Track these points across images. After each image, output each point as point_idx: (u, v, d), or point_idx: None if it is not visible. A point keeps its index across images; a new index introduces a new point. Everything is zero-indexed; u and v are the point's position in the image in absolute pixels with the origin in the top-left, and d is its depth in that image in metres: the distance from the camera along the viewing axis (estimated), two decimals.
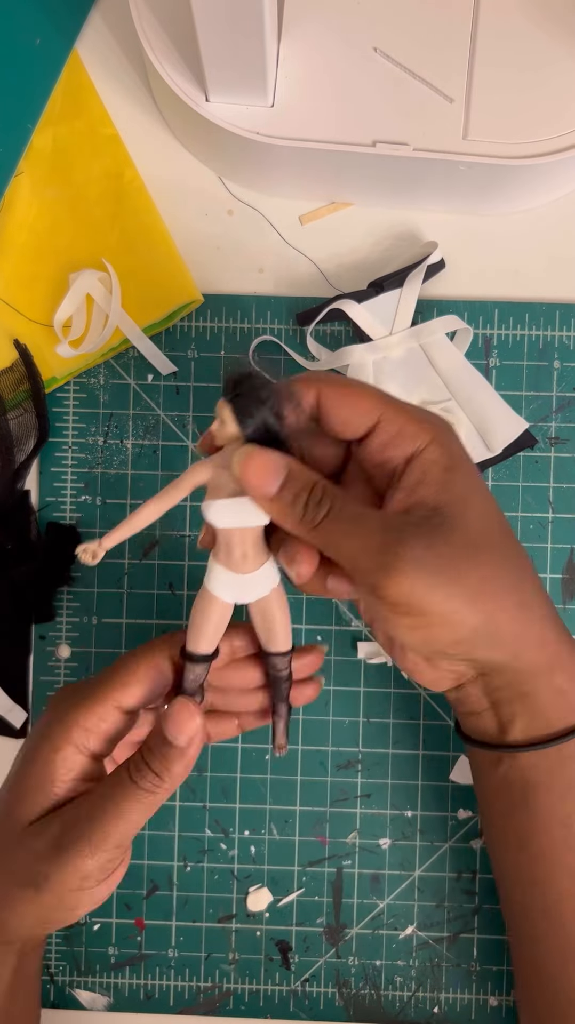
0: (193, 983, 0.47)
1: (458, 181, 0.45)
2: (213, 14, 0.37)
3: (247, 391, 0.34)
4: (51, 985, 0.47)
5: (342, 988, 0.47)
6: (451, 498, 0.33)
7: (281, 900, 0.47)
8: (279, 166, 0.45)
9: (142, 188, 0.48)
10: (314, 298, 0.47)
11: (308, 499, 0.33)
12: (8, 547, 0.46)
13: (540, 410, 0.47)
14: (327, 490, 0.34)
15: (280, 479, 0.34)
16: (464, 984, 0.47)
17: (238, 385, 0.34)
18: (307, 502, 0.33)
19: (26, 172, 0.47)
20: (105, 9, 0.48)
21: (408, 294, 0.46)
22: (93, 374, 0.48)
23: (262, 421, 0.34)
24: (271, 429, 0.34)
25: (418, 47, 0.43)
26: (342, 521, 0.33)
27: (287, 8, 0.43)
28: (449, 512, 0.33)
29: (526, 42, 0.43)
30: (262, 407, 0.34)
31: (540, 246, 0.48)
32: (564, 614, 0.47)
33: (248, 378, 0.34)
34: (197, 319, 0.48)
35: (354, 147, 0.43)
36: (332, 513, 0.33)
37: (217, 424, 0.35)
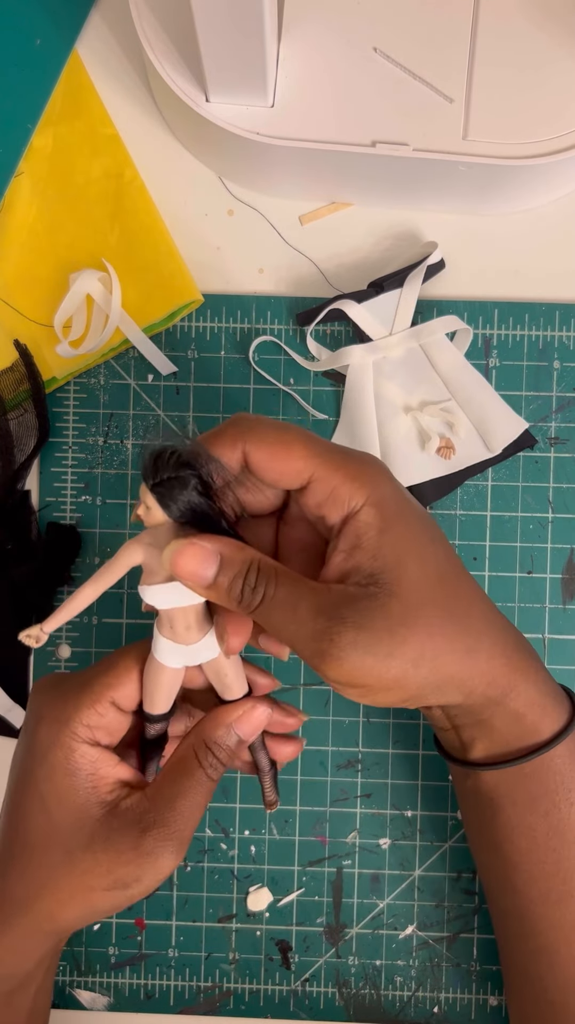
0: (193, 983, 0.47)
1: (458, 181, 0.45)
2: (213, 14, 0.37)
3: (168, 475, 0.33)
4: None
5: (342, 988, 0.47)
6: (386, 564, 0.33)
7: (281, 900, 0.47)
8: (279, 166, 0.45)
9: (142, 188, 0.48)
10: (314, 298, 0.47)
11: (243, 585, 0.33)
12: (8, 547, 0.46)
13: (540, 410, 0.47)
14: (262, 572, 0.34)
15: (214, 567, 0.33)
16: (464, 984, 0.47)
17: (157, 469, 0.33)
18: (243, 588, 0.33)
19: (26, 172, 0.47)
20: (105, 9, 0.48)
21: (408, 294, 0.46)
22: (93, 374, 0.48)
23: (187, 504, 0.33)
24: (197, 509, 0.34)
25: (418, 47, 0.43)
26: (277, 607, 0.33)
27: (287, 8, 0.43)
28: (385, 579, 0.33)
29: (526, 42, 0.43)
30: (184, 489, 0.33)
31: (540, 246, 0.48)
32: (564, 614, 0.47)
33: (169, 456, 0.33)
34: (197, 319, 0.48)
35: (354, 147, 0.43)
36: (267, 600, 0.33)
37: (143, 509, 0.34)
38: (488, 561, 0.47)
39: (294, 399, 0.47)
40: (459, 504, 0.47)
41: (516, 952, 0.40)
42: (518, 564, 0.47)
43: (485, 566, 0.47)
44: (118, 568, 0.35)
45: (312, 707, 0.47)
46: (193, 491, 0.33)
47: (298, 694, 0.47)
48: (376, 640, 0.32)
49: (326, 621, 0.32)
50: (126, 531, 0.48)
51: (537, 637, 0.47)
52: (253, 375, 0.48)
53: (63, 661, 0.48)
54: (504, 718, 0.36)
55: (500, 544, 0.47)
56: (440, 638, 0.34)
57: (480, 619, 0.35)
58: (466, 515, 0.47)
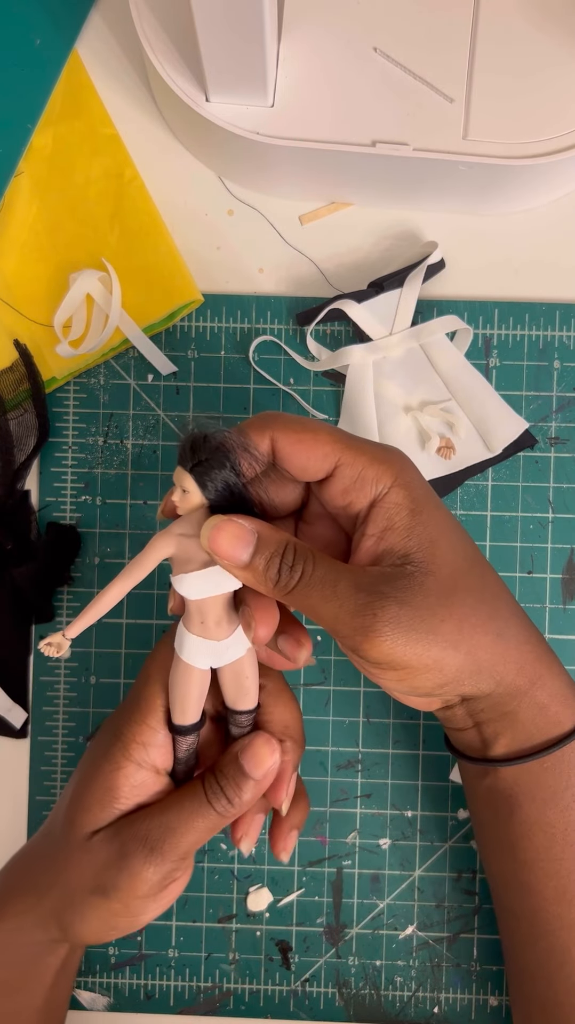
0: (193, 983, 0.47)
1: (458, 181, 0.45)
2: (213, 15, 0.37)
3: (206, 456, 0.33)
4: None
5: (342, 988, 0.47)
6: (420, 543, 0.34)
7: (281, 900, 0.47)
8: (279, 166, 0.45)
9: (142, 188, 0.48)
10: (314, 298, 0.47)
11: (281, 564, 0.33)
12: (8, 547, 0.46)
13: (540, 410, 0.47)
14: (299, 552, 0.34)
15: (251, 547, 0.33)
16: (464, 984, 0.47)
17: (195, 451, 0.33)
18: (280, 568, 0.33)
19: (26, 172, 0.47)
20: (105, 9, 0.48)
21: (408, 294, 0.46)
22: (93, 374, 0.48)
23: (224, 484, 0.33)
24: (234, 489, 0.34)
25: (418, 47, 0.43)
26: (315, 585, 0.33)
27: (287, 9, 0.43)
28: (419, 559, 0.33)
29: (526, 43, 0.43)
30: (223, 470, 0.33)
31: (540, 246, 0.48)
32: (564, 614, 0.47)
33: (204, 440, 0.33)
34: (197, 319, 0.48)
35: (354, 147, 0.43)
36: (304, 578, 0.33)
37: (179, 494, 0.34)
38: (488, 561, 0.47)
39: (294, 399, 0.47)
40: (459, 504, 0.47)
41: (524, 954, 0.40)
42: (518, 564, 0.47)
43: None
44: (149, 561, 0.34)
45: (312, 707, 0.47)
46: (230, 471, 0.33)
47: (298, 694, 0.47)
48: (418, 617, 0.32)
49: (367, 596, 0.32)
50: (126, 531, 0.48)
51: None
52: (253, 375, 0.48)
53: (63, 661, 0.48)
54: (530, 709, 0.36)
55: (500, 544, 0.47)
56: (475, 620, 0.34)
57: (507, 606, 0.36)
58: (466, 515, 0.47)
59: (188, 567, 0.34)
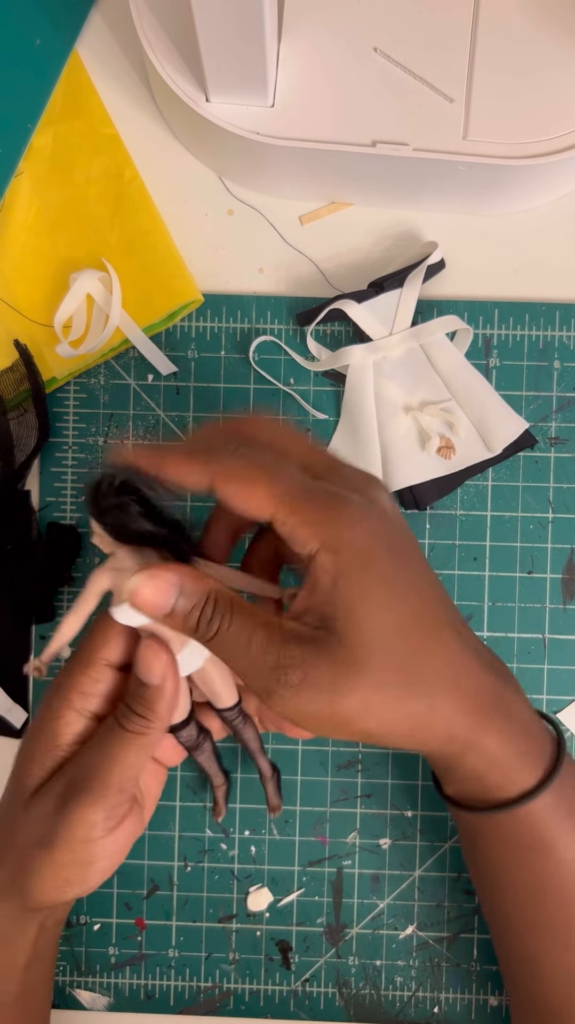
0: (193, 983, 0.47)
1: (458, 181, 0.45)
2: (213, 15, 0.37)
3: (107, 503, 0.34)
4: None
5: (342, 988, 0.47)
6: (337, 611, 0.33)
7: (281, 900, 0.47)
8: (279, 166, 0.45)
9: (142, 188, 0.48)
10: (314, 298, 0.47)
11: (200, 615, 0.34)
12: (8, 547, 0.46)
13: (540, 410, 0.47)
14: (219, 604, 0.34)
15: (172, 599, 0.34)
16: (464, 984, 0.47)
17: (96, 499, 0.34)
18: (199, 618, 0.34)
19: (26, 172, 0.47)
20: (105, 9, 0.48)
21: (408, 294, 0.46)
22: (93, 374, 0.48)
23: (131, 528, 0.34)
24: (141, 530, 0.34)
25: (418, 47, 0.43)
26: (230, 639, 0.34)
27: (287, 9, 0.43)
28: (337, 626, 0.33)
29: (526, 43, 0.43)
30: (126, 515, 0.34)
31: (540, 246, 0.48)
32: (564, 614, 0.47)
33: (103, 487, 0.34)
34: (197, 319, 0.48)
35: (354, 147, 0.43)
36: (220, 631, 0.34)
37: (97, 538, 0.35)
38: (488, 561, 0.47)
39: (294, 399, 0.47)
40: (459, 504, 0.47)
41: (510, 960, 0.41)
42: (518, 564, 0.47)
43: (485, 566, 0.47)
44: (90, 597, 0.37)
45: None
46: (137, 516, 0.34)
47: None
48: (320, 685, 0.33)
49: (275, 659, 0.33)
50: None
51: (537, 637, 0.47)
52: (253, 375, 0.48)
53: (63, 661, 0.48)
54: (465, 773, 0.36)
55: (500, 544, 0.47)
56: (389, 692, 0.33)
57: (443, 673, 0.34)
58: (466, 515, 0.47)
59: (122, 598, 0.36)
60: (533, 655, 0.47)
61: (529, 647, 0.47)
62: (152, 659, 0.36)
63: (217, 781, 0.43)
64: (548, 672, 0.47)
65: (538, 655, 0.47)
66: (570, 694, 0.47)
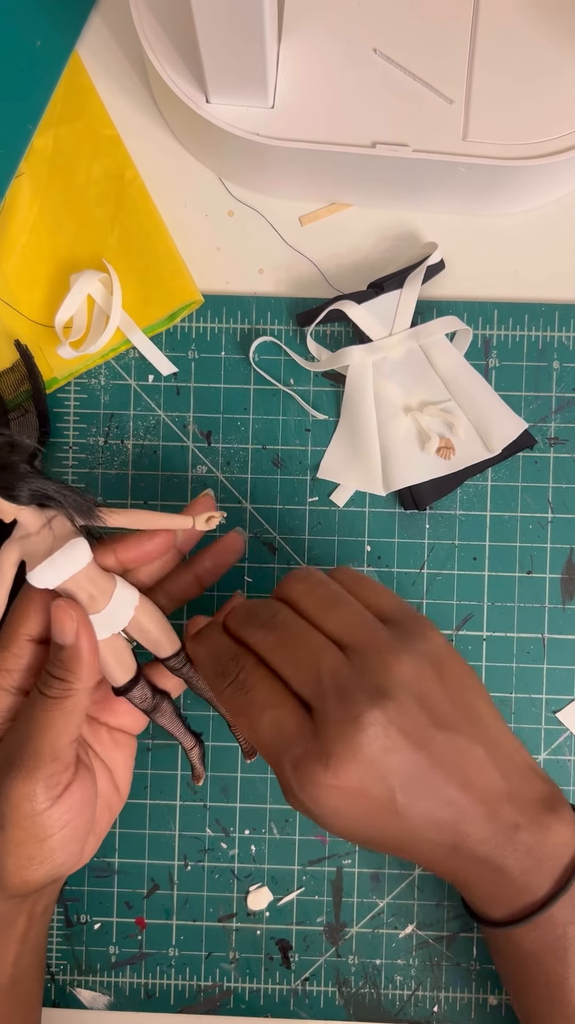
0: (194, 982, 0.47)
1: (458, 182, 0.45)
2: (213, 16, 0.37)
3: None
4: (52, 984, 0.47)
5: (342, 987, 0.47)
6: None
7: (281, 899, 0.47)
8: (279, 167, 0.45)
9: (142, 189, 0.48)
10: (314, 299, 0.48)
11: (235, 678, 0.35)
12: None
13: (540, 410, 0.47)
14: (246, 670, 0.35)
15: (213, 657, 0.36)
16: (464, 983, 0.47)
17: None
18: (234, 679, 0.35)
19: (27, 173, 0.47)
20: (105, 11, 0.48)
21: (408, 295, 0.46)
22: (94, 375, 0.48)
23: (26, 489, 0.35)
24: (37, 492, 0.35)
25: (418, 49, 0.43)
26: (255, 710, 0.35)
27: (287, 10, 0.43)
28: None
29: (525, 44, 0.43)
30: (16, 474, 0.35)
31: (540, 246, 0.48)
32: (563, 614, 0.47)
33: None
34: (197, 319, 0.48)
35: (354, 148, 0.43)
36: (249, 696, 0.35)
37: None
38: (488, 561, 0.47)
39: (294, 399, 0.48)
40: (459, 504, 0.47)
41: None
42: (518, 564, 0.47)
43: (485, 566, 0.47)
44: (3, 573, 0.37)
45: None
46: (27, 474, 0.35)
47: None
48: None
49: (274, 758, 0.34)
50: (125, 531, 0.48)
51: (536, 637, 0.47)
52: (253, 375, 0.48)
53: None
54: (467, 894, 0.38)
55: (500, 544, 0.47)
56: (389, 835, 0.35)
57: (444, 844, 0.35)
58: (466, 515, 0.47)
59: (36, 561, 0.36)
60: (532, 655, 0.47)
61: (528, 647, 0.47)
62: (63, 617, 0.36)
63: (187, 743, 0.41)
64: (547, 672, 0.47)
65: (538, 655, 0.47)
66: (570, 694, 0.47)
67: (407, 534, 0.47)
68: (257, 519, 0.48)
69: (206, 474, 0.48)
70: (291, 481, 0.48)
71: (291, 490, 0.48)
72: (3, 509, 0.36)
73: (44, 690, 0.36)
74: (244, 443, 0.48)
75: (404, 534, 0.47)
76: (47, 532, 0.37)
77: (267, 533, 0.47)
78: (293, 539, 0.47)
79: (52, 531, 0.37)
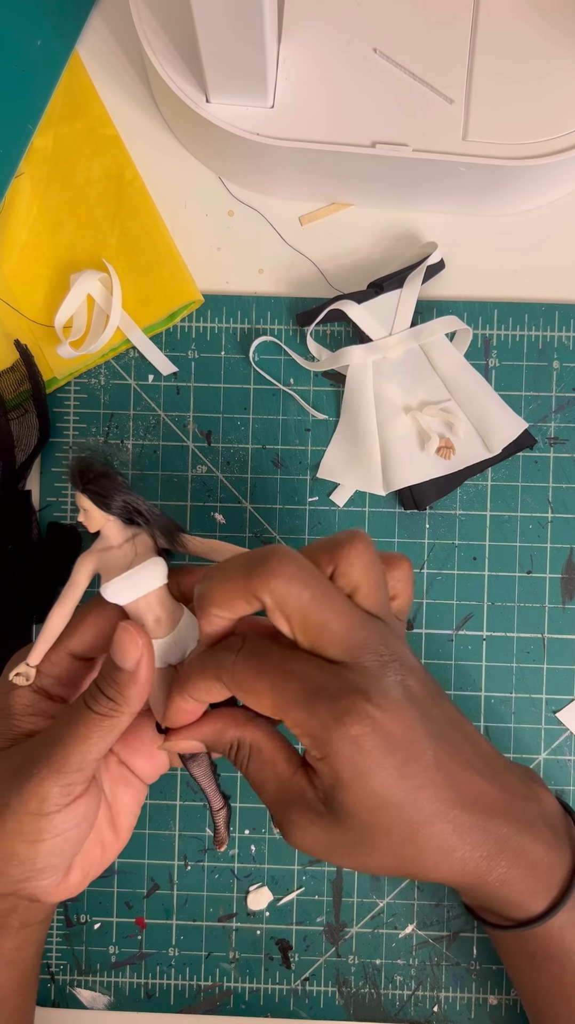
0: (193, 982, 0.47)
1: (457, 182, 0.45)
2: (213, 16, 0.37)
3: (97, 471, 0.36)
4: (52, 984, 0.47)
5: (342, 987, 0.47)
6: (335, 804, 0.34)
7: (281, 899, 0.47)
8: (279, 166, 0.45)
9: (142, 188, 0.48)
10: (314, 298, 0.48)
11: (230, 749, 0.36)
12: (8, 547, 0.46)
13: (539, 410, 0.47)
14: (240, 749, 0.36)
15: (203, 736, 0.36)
16: (464, 983, 0.47)
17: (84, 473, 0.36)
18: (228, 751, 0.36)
19: (27, 173, 0.47)
20: (105, 10, 0.48)
21: (408, 295, 0.46)
22: (94, 374, 0.48)
23: (120, 500, 0.36)
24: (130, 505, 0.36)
25: (418, 48, 0.43)
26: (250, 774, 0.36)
27: (287, 10, 0.43)
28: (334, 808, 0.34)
29: (525, 44, 0.43)
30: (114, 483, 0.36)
31: (540, 246, 0.48)
32: (563, 614, 0.47)
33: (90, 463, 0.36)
34: (197, 319, 0.48)
35: (354, 148, 0.43)
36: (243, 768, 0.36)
37: (82, 515, 0.36)
38: (488, 561, 0.47)
39: (294, 399, 0.48)
40: (459, 504, 0.47)
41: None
42: (518, 564, 0.47)
43: (485, 566, 0.47)
44: (78, 583, 0.37)
45: None
46: (122, 486, 0.36)
47: None
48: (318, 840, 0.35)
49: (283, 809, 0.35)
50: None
51: (536, 637, 0.47)
52: (253, 375, 0.48)
53: None
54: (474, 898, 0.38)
55: (500, 544, 0.47)
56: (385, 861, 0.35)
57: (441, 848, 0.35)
58: (466, 515, 0.47)
59: (112, 575, 0.36)
60: (532, 655, 0.47)
61: (528, 647, 0.47)
62: (128, 642, 0.36)
63: (215, 804, 0.41)
64: (547, 672, 0.47)
65: (537, 655, 0.47)
66: (569, 694, 0.47)
67: (407, 534, 0.47)
68: (257, 519, 0.48)
69: (206, 474, 0.48)
70: (291, 481, 0.48)
71: (291, 490, 0.48)
72: (93, 517, 0.36)
73: (91, 704, 0.36)
74: (244, 443, 0.48)
75: (404, 534, 0.47)
76: (129, 547, 0.37)
77: (267, 533, 0.47)
78: (293, 539, 0.47)
79: (135, 547, 0.37)
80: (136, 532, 0.37)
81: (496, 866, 0.36)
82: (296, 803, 0.35)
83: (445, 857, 0.35)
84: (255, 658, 0.34)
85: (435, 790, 0.34)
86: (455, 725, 0.36)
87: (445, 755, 0.34)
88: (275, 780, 0.35)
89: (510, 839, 0.36)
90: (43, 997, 0.47)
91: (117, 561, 0.36)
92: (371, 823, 0.34)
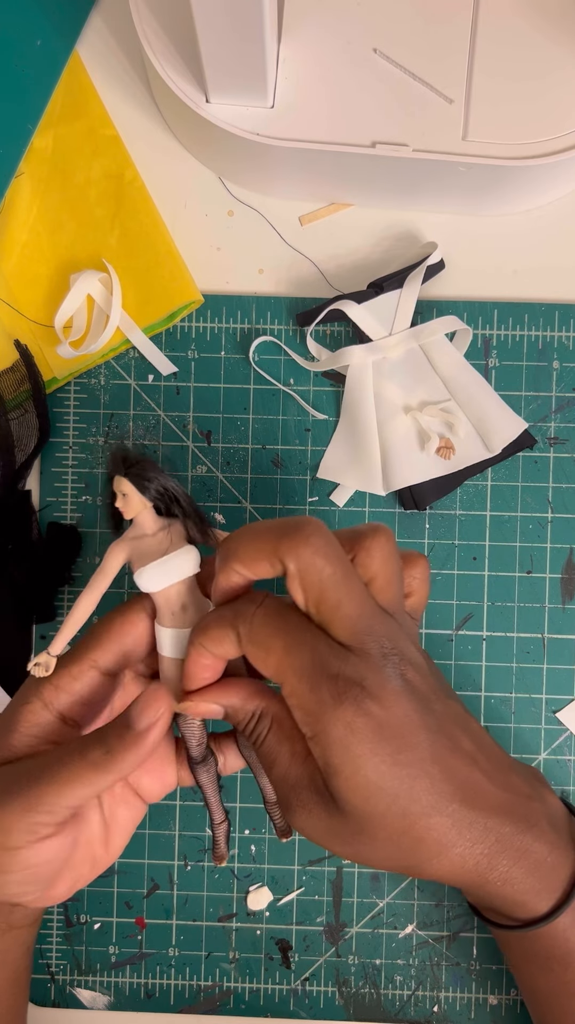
0: (193, 982, 0.47)
1: (458, 182, 0.45)
2: (213, 16, 0.37)
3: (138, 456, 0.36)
4: (52, 984, 0.47)
5: (342, 987, 0.47)
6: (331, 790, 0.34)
7: (281, 899, 0.47)
8: (279, 166, 0.45)
9: (142, 189, 0.48)
10: (314, 298, 0.48)
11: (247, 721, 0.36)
12: (8, 547, 0.46)
13: (539, 410, 0.47)
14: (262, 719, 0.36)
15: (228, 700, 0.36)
16: (463, 983, 0.47)
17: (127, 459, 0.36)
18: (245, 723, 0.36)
19: (27, 173, 0.47)
20: (105, 10, 0.48)
21: (408, 295, 0.46)
22: (94, 374, 0.48)
23: (160, 485, 0.36)
24: (169, 486, 0.36)
25: (418, 48, 0.43)
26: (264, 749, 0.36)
27: (287, 9, 0.43)
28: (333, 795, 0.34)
29: (525, 44, 0.43)
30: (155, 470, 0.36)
31: (540, 246, 0.48)
32: (563, 614, 0.47)
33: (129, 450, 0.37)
34: (197, 319, 0.48)
35: (354, 148, 0.43)
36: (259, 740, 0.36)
37: (120, 500, 0.36)
38: (488, 561, 0.47)
39: (294, 399, 0.48)
40: (459, 504, 0.47)
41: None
42: (518, 564, 0.47)
43: (485, 566, 0.47)
44: (110, 568, 0.37)
45: None
46: (162, 472, 0.36)
47: None
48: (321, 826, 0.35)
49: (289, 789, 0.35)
50: None
51: (536, 637, 0.47)
52: (253, 375, 0.48)
53: None
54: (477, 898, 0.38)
55: (500, 544, 0.47)
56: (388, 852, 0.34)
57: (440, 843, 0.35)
58: (466, 515, 0.47)
59: (144, 563, 0.36)
60: (532, 655, 0.47)
61: (528, 647, 0.47)
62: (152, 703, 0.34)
63: (218, 816, 0.40)
64: (547, 672, 0.47)
65: (537, 655, 0.47)
66: (569, 694, 0.47)
67: (407, 534, 0.48)
68: (257, 519, 0.48)
69: (206, 474, 0.48)
70: (291, 481, 0.48)
71: (291, 490, 0.48)
72: (131, 502, 0.36)
73: (84, 751, 0.34)
74: (244, 443, 0.48)
75: (404, 534, 0.48)
76: (164, 535, 0.37)
77: None
78: None
79: (170, 535, 0.37)
80: (168, 523, 0.37)
81: (497, 865, 0.35)
82: (305, 783, 0.34)
83: (444, 852, 0.34)
84: (275, 616, 0.34)
85: (431, 782, 0.34)
86: (458, 722, 0.36)
87: (444, 749, 0.34)
88: (289, 756, 0.35)
89: (511, 838, 0.36)
90: (43, 997, 0.47)
91: (151, 549, 0.36)
92: (367, 812, 0.33)
